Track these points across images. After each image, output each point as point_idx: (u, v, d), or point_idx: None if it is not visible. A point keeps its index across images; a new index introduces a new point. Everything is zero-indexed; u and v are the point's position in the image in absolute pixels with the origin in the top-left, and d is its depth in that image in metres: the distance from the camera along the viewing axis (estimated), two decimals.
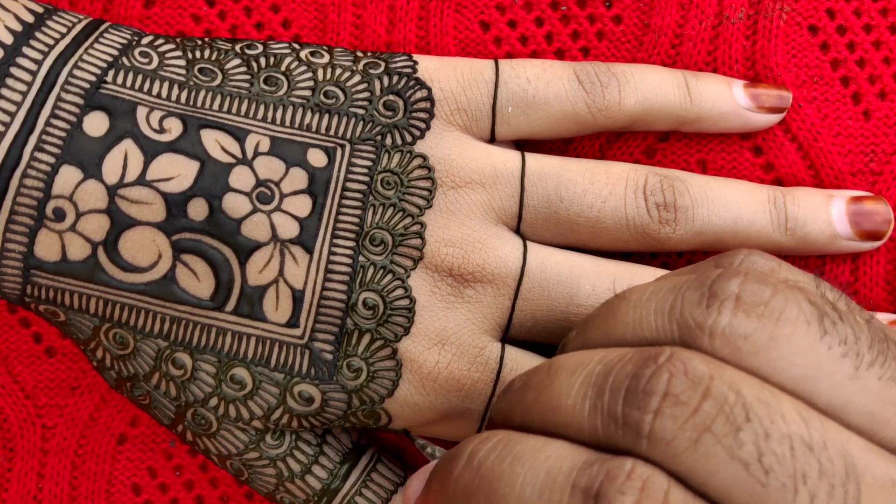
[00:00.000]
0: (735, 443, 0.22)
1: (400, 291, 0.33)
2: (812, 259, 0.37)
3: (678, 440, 0.22)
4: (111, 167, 0.31)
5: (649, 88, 0.35)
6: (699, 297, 0.25)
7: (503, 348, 0.34)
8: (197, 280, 0.32)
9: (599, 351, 0.25)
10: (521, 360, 0.34)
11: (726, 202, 0.35)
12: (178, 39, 0.34)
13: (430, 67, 0.35)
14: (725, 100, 0.36)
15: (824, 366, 0.23)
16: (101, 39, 0.33)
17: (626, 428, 0.23)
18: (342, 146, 0.33)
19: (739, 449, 0.22)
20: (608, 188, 0.34)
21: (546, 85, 0.35)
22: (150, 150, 0.32)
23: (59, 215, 0.31)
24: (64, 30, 0.33)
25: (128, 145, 0.32)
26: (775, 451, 0.22)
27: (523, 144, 0.37)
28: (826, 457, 0.22)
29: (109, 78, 0.32)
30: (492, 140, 0.35)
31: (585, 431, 0.24)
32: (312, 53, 0.34)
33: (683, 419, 0.22)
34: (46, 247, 0.31)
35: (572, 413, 0.24)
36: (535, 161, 0.35)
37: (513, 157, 0.34)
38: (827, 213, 0.36)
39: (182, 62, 0.33)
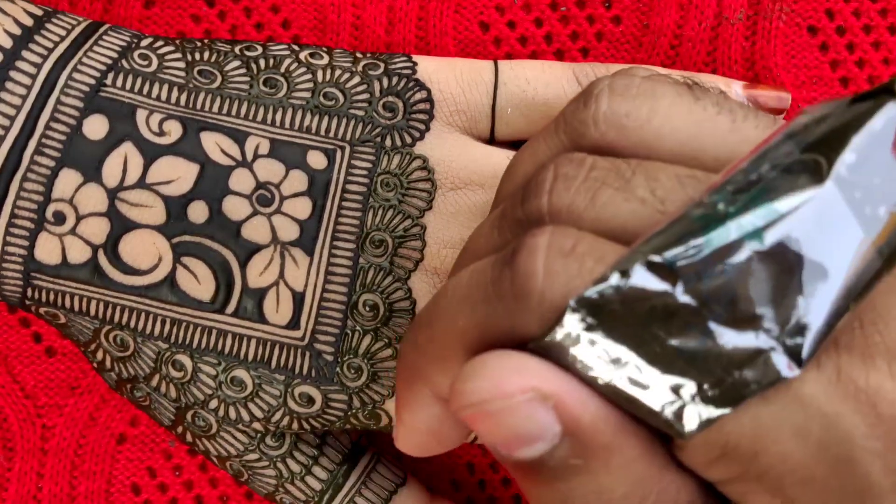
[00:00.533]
0: (628, 188, 0.22)
1: (400, 293, 0.33)
2: None
3: (575, 203, 0.23)
4: (111, 170, 0.32)
5: None
6: (576, 104, 0.25)
7: None
8: (197, 282, 0.32)
9: None
10: None
11: None
12: (177, 41, 0.34)
13: (430, 69, 0.35)
14: None
15: (704, 124, 0.24)
16: (100, 42, 0.33)
17: (529, 221, 0.23)
18: (342, 148, 0.33)
19: (634, 191, 0.22)
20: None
21: (545, 86, 0.35)
22: (150, 153, 0.32)
23: (60, 219, 0.31)
24: (63, 33, 0.33)
25: (127, 148, 0.32)
26: (666, 185, 0.22)
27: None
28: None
29: (109, 81, 0.32)
30: (491, 141, 0.35)
31: (499, 247, 0.24)
32: (312, 55, 0.34)
33: (576, 185, 0.23)
34: (47, 250, 0.31)
35: (485, 245, 0.25)
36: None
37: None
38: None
39: (181, 64, 0.33)
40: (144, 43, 0.34)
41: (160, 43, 0.34)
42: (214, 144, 0.32)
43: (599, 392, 0.21)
